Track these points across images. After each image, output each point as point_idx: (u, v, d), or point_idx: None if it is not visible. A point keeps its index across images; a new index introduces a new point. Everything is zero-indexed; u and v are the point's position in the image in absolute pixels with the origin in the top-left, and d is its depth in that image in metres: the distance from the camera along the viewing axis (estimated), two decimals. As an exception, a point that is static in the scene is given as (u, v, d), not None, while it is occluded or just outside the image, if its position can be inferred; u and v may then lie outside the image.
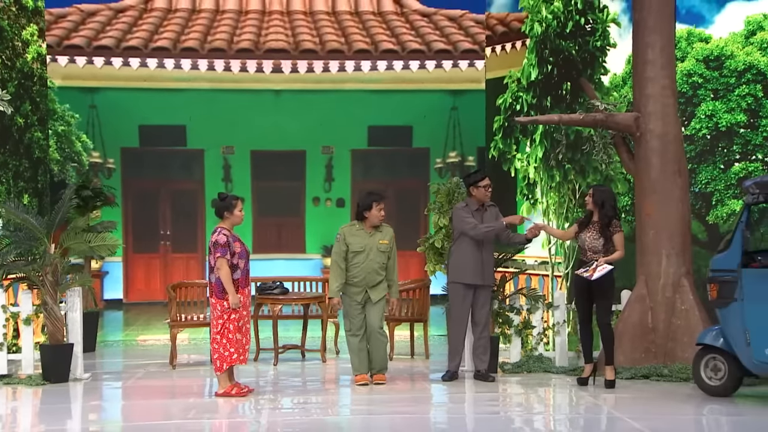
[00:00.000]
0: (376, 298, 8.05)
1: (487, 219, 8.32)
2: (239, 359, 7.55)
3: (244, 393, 7.57)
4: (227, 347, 7.49)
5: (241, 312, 7.59)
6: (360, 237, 8.03)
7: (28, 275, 8.52)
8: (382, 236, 8.06)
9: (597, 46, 10.11)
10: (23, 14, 10.31)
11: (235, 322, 7.52)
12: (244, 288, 7.62)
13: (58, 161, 13.00)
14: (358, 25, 15.80)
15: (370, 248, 8.01)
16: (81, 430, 6.87)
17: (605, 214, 7.91)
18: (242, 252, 7.59)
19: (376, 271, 8.03)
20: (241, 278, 7.57)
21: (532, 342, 9.00)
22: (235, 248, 7.54)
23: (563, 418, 7.12)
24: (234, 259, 7.51)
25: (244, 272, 7.60)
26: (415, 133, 16.19)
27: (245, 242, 7.83)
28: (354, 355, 8.11)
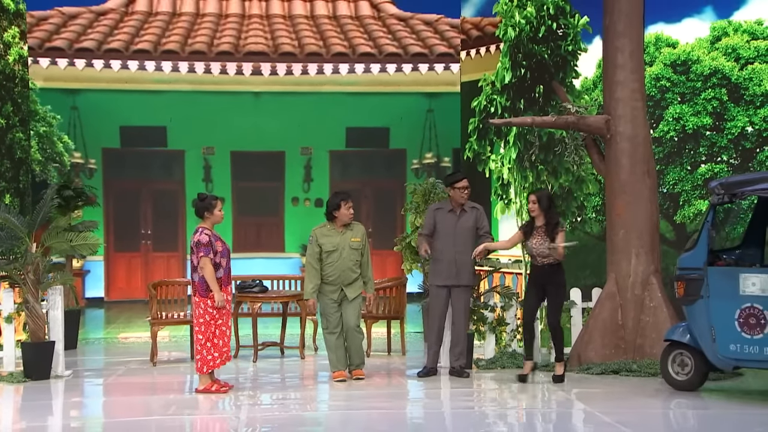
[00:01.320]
0: (351, 296, 8.18)
1: (463, 221, 8.33)
2: (220, 363, 7.66)
3: (225, 390, 7.67)
4: (211, 351, 7.59)
5: (227, 310, 7.72)
6: (332, 236, 8.16)
7: (9, 274, 8.54)
8: (354, 234, 8.19)
9: (569, 50, 10.22)
10: (5, 16, 10.29)
11: (221, 327, 7.62)
12: (227, 286, 7.72)
13: (39, 162, 12.99)
14: (336, 28, 15.88)
15: (343, 247, 8.15)
16: (62, 426, 6.91)
17: (552, 217, 7.97)
18: (224, 251, 7.69)
19: (350, 268, 8.16)
20: (223, 277, 7.68)
21: (506, 339, 9.07)
22: (217, 247, 7.63)
23: (536, 413, 7.21)
24: (216, 258, 7.61)
25: (226, 270, 7.70)
26: (392, 135, 16.27)
27: (225, 241, 7.93)
28: (331, 352, 8.24)
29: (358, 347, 8.26)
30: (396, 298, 9.94)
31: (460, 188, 8.40)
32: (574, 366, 8.61)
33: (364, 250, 8.25)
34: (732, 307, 7.19)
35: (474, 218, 8.37)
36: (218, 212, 7.78)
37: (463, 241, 8.30)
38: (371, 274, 8.33)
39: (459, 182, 8.42)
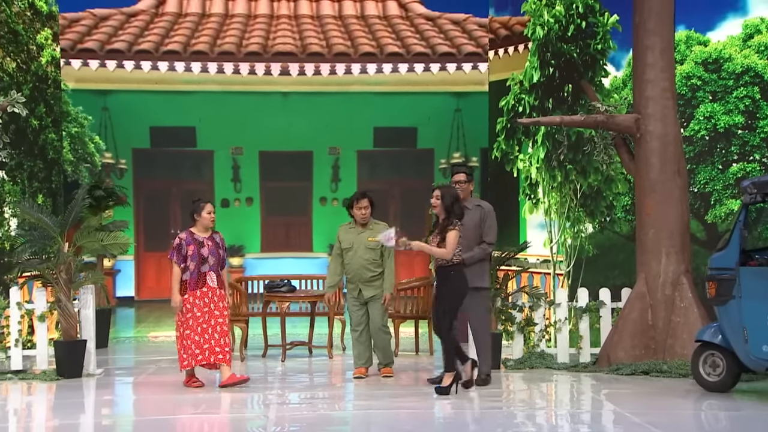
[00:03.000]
0: (367, 295, 8.23)
1: (465, 220, 7.69)
2: (187, 365, 7.89)
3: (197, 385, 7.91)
4: (180, 351, 7.92)
5: (195, 314, 7.84)
6: (350, 234, 8.29)
7: (42, 273, 8.64)
8: (372, 233, 8.21)
9: (598, 49, 10.16)
10: (38, 18, 10.41)
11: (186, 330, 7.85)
12: (194, 290, 7.85)
13: (71, 162, 13.14)
14: (364, 28, 15.90)
15: (358, 245, 8.23)
16: (94, 424, 6.98)
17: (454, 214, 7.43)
18: (194, 255, 7.86)
19: (365, 267, 8.20)
20: (190, 280, 7.85)
21: (534, 339, 9.05)
22: (187, 251, 7.86)
23: (565, 413, 7.18)
24: (187, 261, 7.86)
25: (194, 274, 7.86)
26: (419, 135, 16.28)
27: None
28: (354, 348, 8.36)
29: (384, 346, 8.29)
30: (423, 298, 9.93)
31: (456, 182, 8.02)
32: (603, 366, 8.59)
33: (384, 250, 8.26)
34: (764, 307, 7.12)
35: (478, 218, 7.93)
36: (206, 215, 7.97)
37: (466, 243, 7.76)
38: (390, 274, 8.28)
39: (454, 175, 8.10)
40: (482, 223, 7.95)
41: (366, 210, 8.28)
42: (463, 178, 8.04)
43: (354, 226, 8.34)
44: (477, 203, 8.10)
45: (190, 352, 7.86)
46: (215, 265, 7.96)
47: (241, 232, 15.87)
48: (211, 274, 7.92)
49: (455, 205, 7.45)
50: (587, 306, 9.07)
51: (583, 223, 10.30)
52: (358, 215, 8.29)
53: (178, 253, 7.89)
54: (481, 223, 7.95)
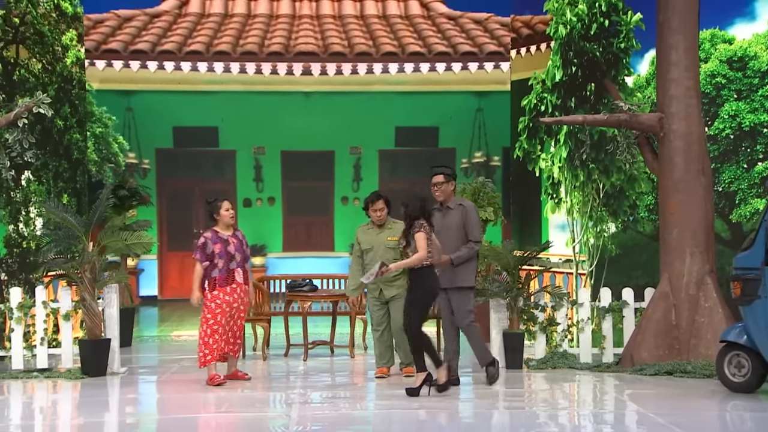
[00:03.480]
0: (388, 295, 8.23)
1: (448, 221, 7.75)
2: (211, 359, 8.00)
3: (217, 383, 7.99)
4: (202, 348, 8.02)
5: (224, 309, 8.00)
6: (369, 235, 8.31)
7: (67, 272, 8.69)
8: (391, 233, 8.21)
9: (621, 47, 10.10)
10: (63, 20, 10.48)
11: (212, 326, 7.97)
12: (224, 286, 8.01)
13: (95, 162, 13.23)
14: (386, 28, 15.91)
15: (378, 246, 8.24)
16: (118, 422, 7.02)
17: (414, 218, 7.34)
18: (222, 253, 8.00)
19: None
20: (219, 277, 8.01)
21: (557, 339, 9.02)
22: (213, 249, 7.99)
23: (588, 414, 7.14)
24: (215, 258, 8.01)
25: (224, 271, 8.01)
26: (441, 134, 16.28)
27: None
28: (375, 348, 8.40)
29: (406, 346, 8.29)
30: (446, 298, 9.92)
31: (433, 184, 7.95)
32: (626, 367, 8.55)
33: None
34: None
35: (458, 218, 7.81)
36: (224, 212, 8.15)
37: (450, 242, 7.71)
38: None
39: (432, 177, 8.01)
40: (465, 223, 7.82)
41: (381, 212, 8.30)
42: (441, 179, 7.89)
43: (372, 226, 8.36)
44: (459, 203, 7.95)
45: (216, 346, 7.99)
46: (241, 262, 8.15)
47: (263, 231, 15.93)
48: (238, 270, 8.10)
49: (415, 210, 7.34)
50: (610, 306, 9.03)
51: (605, 222, 10.22)
52: (373, 217, 8.32)
53: (203, 251, 8.03)
54: (464, 223, 7.82)
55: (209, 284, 8.05)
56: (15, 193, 9.81)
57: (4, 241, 9.74)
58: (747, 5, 9.56)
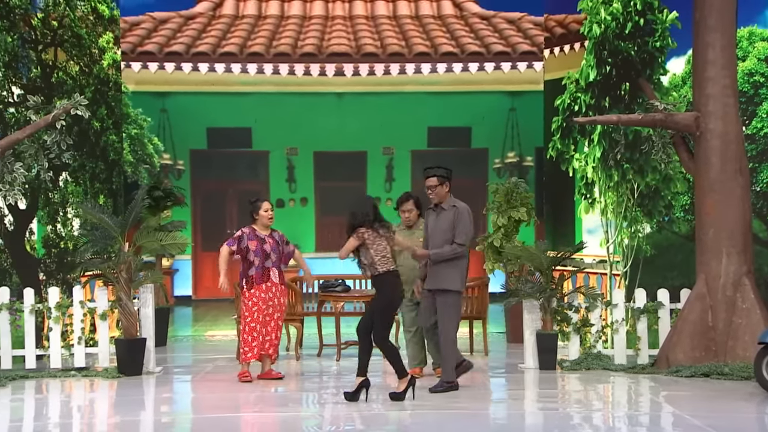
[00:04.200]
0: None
1: (441, 222, 7.60)
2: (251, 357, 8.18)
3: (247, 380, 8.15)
4: (242, 345, 8.21)
5: (261, 307, 8.16)
6: (400, 236, 8.13)
7: (103, 272, 8.77)
8: (421, 234, 8.14)
9: (656, 46, 10.00)
10: (100, 22, 10.59)
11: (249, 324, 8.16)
12: (260, 284, 8.18)
13: (131, 163, 13.35)
14: (419, 28, 15.88)
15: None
16: (154, 421, 7.09)
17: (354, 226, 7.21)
18: (257, 250, 8.16)
19: (416, 268, 8.11)
20: (256, 274, 8.18)
21: (591, 340, 8.97)
22: (249, 245, 8.18)
23: (623, 416, 7.08)
24: (250, 255, 8.18)
25: (259, 269, 8.18)
26: (473, 134, 16.21)
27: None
28: (407, 349, 8.42)
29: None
30: (478, 298, 9.90)
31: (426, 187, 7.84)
32: (662, 368, 8.48)
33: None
34: (830, 309, 6.98)
35: (449, 220, 7.61)
36: (263, 213, 8.30)
37: (440, 243, 7.58)
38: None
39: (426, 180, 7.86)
40: (455, 224, 7.60)
41: (410, 213, 8.29)
42: (435, 182, 7.70)
43: (403, 228, 8.34)
44: (453, 204, 7.72)
45: (256, 344, 8.15)
46: (277, 262, 8.29)
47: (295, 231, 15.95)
48: (273, 270, 8.23)
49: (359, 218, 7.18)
50: (645, 307, 8.96)
51: (640, 222, 10.15)
52: (402, 218, 8.32)
53: (236, 241, 8.23)
54: (454, 224, 7.60)
55: (246, 282, 8.23)
56: (53, 194, 9.93)
57: (43, 241, 9.86)
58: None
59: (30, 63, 9.77)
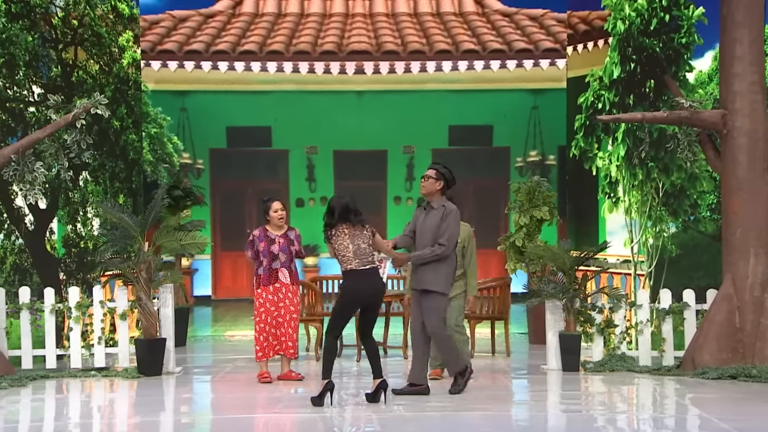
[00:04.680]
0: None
1: (429, 221, 7.40)
2: (263, 357, 8.17)
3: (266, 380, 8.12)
4: (255, 345, 8.22)
5: (268, 308, 8.13)
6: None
7: (123, 272, 8.77)
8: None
9: (682, 43, 9.91)
10: (120, 21, 10.60)
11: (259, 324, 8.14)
12: (267, 285, 8.12)
13: (150, 162, 13.36)
14: (440, 26, 15.79)
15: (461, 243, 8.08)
16: (174, 421, 7.07)
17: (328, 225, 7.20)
18: (265, 251, 8.10)
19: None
20: (263, 275, 8.14)
21: (615, 341, 8.88)
22: (259, 247, 8.13)
23: (647, 418, 7.00)
24: (260, 256, 8.14)
25: (266, 270, 8.13)
26: (495, 133, 16.12)
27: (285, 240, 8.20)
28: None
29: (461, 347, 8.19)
30: (500, 299, 9.84)
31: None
32: (688, 370, 8.38)
33: (465, 252, 8.17)
34: None
35: (437, 218, 7.37)
36: (273, 213, 8.23)
37: (425, 243, 7.41)
38: (473, 276, 8.20)
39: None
40: (441, 224, 7.36)
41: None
42: (432, 174, 7.48)
43: None
44: (443, 203, 7.46)
45: (267, 344, 8.15)
46: (287, 262, 8.20)
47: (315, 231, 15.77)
48: (283, 270, 8.15)
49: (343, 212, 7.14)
50: (670, 308, 8.88)
51: (665, 222, 10.06)
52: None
53: (251, 248, 8.22)
54: (440, 224, 7.37)
55: (255, 282, 8.23)
56: (73, 193, 9.96)
57: (63, 241, 9.89)
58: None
59: (50, 62, 9.81)
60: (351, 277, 7.13)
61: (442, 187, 7.48)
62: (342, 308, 7.23)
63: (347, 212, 7.17)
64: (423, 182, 7.53)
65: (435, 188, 7.47)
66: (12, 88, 9.46)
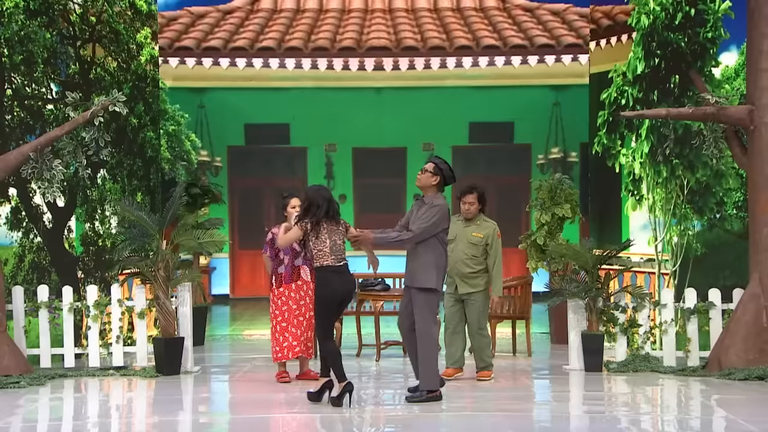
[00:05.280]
0: (462, 291, 8.07)
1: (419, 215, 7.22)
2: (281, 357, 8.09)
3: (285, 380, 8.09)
4: (274, 345, 8.11)
5: (291, 306, 8.05)
6: (456, 226, 8.07)
7: (141, 270, 8.75)
8: (477, 229, 8.07)
9: (708, 37, 9.79)
10: (138, 18, 10.60)
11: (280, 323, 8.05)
12: (290, 283, 8.05)
13: (168, 160, 13.36)
14: (460, 21, 15.71)
15: (461, 238, 8.08)
16: (192, 421, 7.05)
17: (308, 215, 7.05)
18: (287, 249, 7.99)
19: (464, 261, 8.04)
20: (285, 273, 8.06)
21: (638, 341, 8.81)
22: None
23: (672, 419, 6.91)
24: (280, 254, 8.07)
25: (289, 267, 8.05)
26: (516, 129, 16.02)
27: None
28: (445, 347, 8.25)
29: (482, 349, 8.14)
30: (521, 298, 9.78)
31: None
32: (713, 371, 8.29)
33: (490, 249, 8.12)
34: None
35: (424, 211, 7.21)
36: (290, 209, 8.07)
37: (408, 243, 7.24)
38: (498, 275, 8.13)
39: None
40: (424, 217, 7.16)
41: (471, 205, 8.17)
42: (430, 167, 7.31)
43: (460, 218, 8.21)
44: (433, 199, 7.28)
45: (287, 344, 8.04)
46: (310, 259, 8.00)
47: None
48: (304, 267, 8.06)
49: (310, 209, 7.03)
50: (695, 307, 8.78)
51: (690, 220, 9.97)
52: (462, 210, 8.19)
53: (270, 246, 8.14)
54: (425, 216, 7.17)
55: (276, 280, 8.13)
56: (91, 191, 9.97)
57: (81, 239, 9.89)
58: None
59: (68, 59, 9.81)
60: (327, 274, 7.01)
61: (438, 183, 7.30)
62: (326, 309, 7.06)
63: (330, 206, 7.06)
64: (419, 175, 7.36)
65: (430, 182, 7.29)
66: (30, 85, 9.47)
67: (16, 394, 7.74)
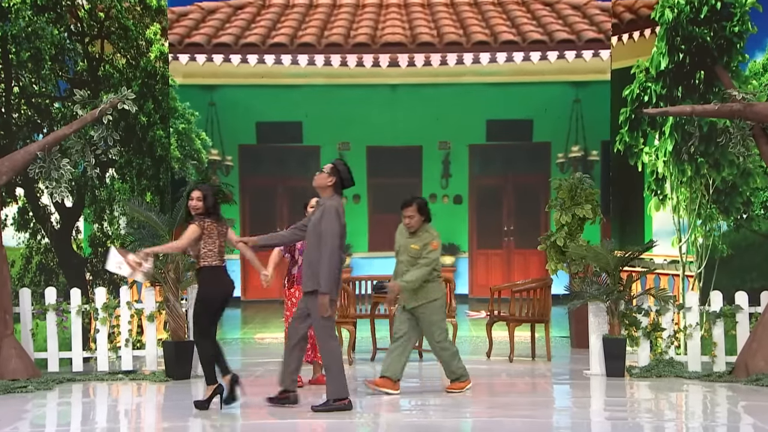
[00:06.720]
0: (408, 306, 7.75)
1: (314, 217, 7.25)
2: None
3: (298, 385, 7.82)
4: None
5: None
6: (401, 237, 7.93)
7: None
8: (416, 241, 7.79)
9: (734, 31, 9.64)
10: (147, 14, 10.59)
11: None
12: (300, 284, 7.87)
13: (178, 159, 13.30)
14: (477, 16, 15.59)
15: (403, 250, 7.85)
16: (202, 426, 6.95)
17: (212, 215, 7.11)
18: (302, 248, 7.85)
19: (404, 273, 7.75)
20: (297, 274, 8.00)
21: (662, 345, 8.71)
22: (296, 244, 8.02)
23: (697, 426, 6.77)
24: (296, 254, 8.07)
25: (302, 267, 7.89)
26: (535, 127, 15.86)
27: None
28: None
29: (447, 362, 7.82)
30: (540, 300, 9.69)
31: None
32: (740, 377, 8.18)
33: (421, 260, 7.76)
34: None
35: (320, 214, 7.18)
36: (310, 210, 7.96)
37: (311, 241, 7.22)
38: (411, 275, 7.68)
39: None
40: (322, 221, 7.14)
41: (411, 219, 7.86)
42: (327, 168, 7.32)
43: (406, 231, 7.95)
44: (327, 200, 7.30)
45: None
46: None
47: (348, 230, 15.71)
48: None
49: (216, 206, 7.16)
50: (721, 310, 8.67)
51: (716, 220, 9.84)
52: (404, 223, 7.90)
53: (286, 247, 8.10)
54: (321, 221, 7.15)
55: (288, 281, 8.06)
56: (99, 191, 9.98)
57: (89, 240, 9.90)
58: None
59: (77, 56, 9.86)
60: (215, 274, 7.10)
61: (335, 184, 7.27)
62: (212, 307, 7.14)
63: (217, 207, 7.18)
64: (316, 175, 7.32)
65: (325, 183, 7.26)
66: (38, 82, 9.51)
67: (23, 398, 7.70)
